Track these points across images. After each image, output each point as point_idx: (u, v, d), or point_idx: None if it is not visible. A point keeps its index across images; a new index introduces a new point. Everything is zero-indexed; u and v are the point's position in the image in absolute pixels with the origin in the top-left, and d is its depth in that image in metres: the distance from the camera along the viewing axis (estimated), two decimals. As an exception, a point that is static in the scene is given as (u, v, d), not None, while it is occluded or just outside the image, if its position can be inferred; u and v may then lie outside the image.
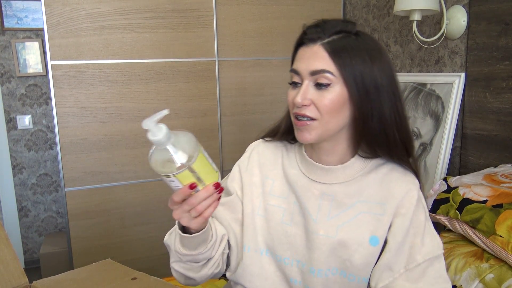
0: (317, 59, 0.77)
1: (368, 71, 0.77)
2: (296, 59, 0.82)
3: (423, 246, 0.80)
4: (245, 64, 2.19)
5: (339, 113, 0.79)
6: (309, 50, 0.79)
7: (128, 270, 1.13)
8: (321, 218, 0.83)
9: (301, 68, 0.79)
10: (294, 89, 0.82)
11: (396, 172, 0.84)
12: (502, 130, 1.49)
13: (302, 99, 0.77)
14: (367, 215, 0.82)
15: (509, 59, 1.45)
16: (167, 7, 1.99)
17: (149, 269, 1.82)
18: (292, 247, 0.85)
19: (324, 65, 0.76)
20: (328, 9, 2.30)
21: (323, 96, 0.77)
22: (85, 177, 1.97)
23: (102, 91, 1.95)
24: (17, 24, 2.76)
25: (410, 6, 1.58)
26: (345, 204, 0.83)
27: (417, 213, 0.81)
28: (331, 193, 0.84)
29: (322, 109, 0.77)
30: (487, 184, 1.24)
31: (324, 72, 0.76)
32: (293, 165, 0.89)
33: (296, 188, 0.87)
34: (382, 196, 0.82)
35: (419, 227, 0.81)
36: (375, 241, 0.81)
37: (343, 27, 0.79)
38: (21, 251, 2.97)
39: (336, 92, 0.77)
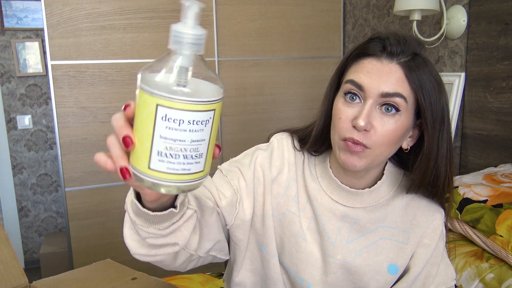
0: (394, 80, 0.66)
1: (438, 102, 0.68)
2: (359, 70, 0.68)
3: (437, 276, 0.77)
4: (245, 64, 2.19)
5: (396, 144, 0.70)
6: (381, 65, 0.67)
7: (128, 270, 1.13)
8: (340, 241, 0.77)
9: (370, 85, 0.66)
10: (349, 105, 0.68)
11: (422, 199, 0.78)
12: (502, 130, 1.49)
13: (366, 123, 0.65)
14: (388, 241, 0.77)
15: (509, 59, 1.44)
16: (167, 7, 1.99)
17: (149, 269, 1.82)
18: (302, 264, 0.77)
19: (400, 89, 0.66)
20: (328, 9, 2.30)
21: (387, 123, 0.66)
22: (85, 177, 1.97)
23: (102, 91, 1.95)
24: (17, 24, 2.76)
25: (410, 6, 1.58)
26: (367, 229, 0.77)
27: (439, 243, 0.78)
28: (354, 216, 0.76)
29: (381, 138, 0.66)
30: (487, 184, 1.24)
31: (398, 96, 0.66)
32: (313, 178, 0.79)
33: (315, 205, 0.77)
34: (407, 223, 0.77)
35: (437, 257, 0.78)
36: (395, 270, 0.76)
37: (417, 48, 0.69)
38: (21, 251, 2.97)
39: (401, 121, 0.67)
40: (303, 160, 0.81)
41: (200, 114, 0.40)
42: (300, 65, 2.25)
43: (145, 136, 0.41)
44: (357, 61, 0.70)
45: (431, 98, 0.67)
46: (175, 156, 0.40)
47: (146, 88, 0.40)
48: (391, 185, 0.78)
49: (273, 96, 2.25)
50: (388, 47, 0.67)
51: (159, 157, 0.40)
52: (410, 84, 0.66)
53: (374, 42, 0.69)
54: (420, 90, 0.66)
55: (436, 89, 0.68)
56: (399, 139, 0.69)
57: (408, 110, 0.67)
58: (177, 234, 0.58)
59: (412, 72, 0.66)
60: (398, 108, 0.66)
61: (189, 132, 0.40)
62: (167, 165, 0.41)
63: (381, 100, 0.66)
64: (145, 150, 0.41)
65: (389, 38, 0.68)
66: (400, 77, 0.66)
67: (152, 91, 0.39)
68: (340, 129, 0.68)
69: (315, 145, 0.78)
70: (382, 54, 0.68)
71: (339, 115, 0.69)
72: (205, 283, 1.45)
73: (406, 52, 0.67)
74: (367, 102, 0.66)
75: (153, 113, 0.39)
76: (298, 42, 2.23)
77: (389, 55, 0.67)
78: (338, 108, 0.70)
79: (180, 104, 0.39)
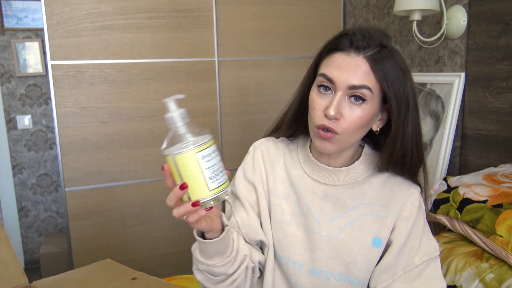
0: (360, 73, 0.73)
1: (403, 89, 0.75)
2: (330, 64, 0.76)
3: (420, 248, 0.81)
4: (245, 64, 2.19)
5: (363, 130, 0.78)
6: (349, 59, 0.74)
7: (128, 270, 1.13)
8: (324, 219, 0.84)
9: (339, 78, 0.74)
10: (322, 96, 0.77)
11: (396, 177, 0.85)
12: (502, 130, 1.49)
13: (335, 112, 0.73)
14: (370, 217, 0.83)
15: (509, 59, 1.45)
16: (166, 7, 1.99)
17: (149, 269, 1.82)
18: (289, 247, 0.85)
19: (366, 81, 0.73)
20: (328, 9, 2.30)
21: (354, 112, 0.75)
22: (85, 177, 1.97)
23: (102, 91, 1.95)
24: (17, 24, 2.76)
25: (410, 6, 1.58)
26: (348, 206, 0.83)
27: (418, 216, 0.83)
28: (334, 194, 0.84)
29: (349, 124, 0.75)
30: (487, 184, 1.24)
31: (364, 88, 0.73)
32: (296, 166, 0.88)
33: (299, 188, 0.86)
34: (385, 198, 0.83)
35: (419, 230, 0.82)
36: (378, 243, 0.81)
37: (383, 40, 0.76)
38: (21, 251, 2.97)
39: (368, 109, 0.75)
40: (284, 153, 0.91)
41: (214, 145, 0.65)
42: (300, 65, 2.25)
43: (197, 174, 0.62)
44: (329, 56, 0.77)
45: (395, 86, 0.75)
46: (217, 174, 0.64)
47: (181, 151, 0.62)
48: (368, 165, 0.86)
49: (273, 96, 2.25)
50: (355, 42, 0.74)
51: (211, 180, 0.63)
52: (376, 76, 0.74)
53: (343, 38, 0.76)
54: (385, 80, 0.74)
55: (400, 77, 0.75)
56: (366, 125, 0.77)
57: (374, 99, 0.75)
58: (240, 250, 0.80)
59: (377, 65, 0.73)
60: (364, 98, 0.74)
61: (216, 157, 0.64)
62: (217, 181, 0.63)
63: (349, 91, 0.74)
64: (201, 181, 0.62)
65: (355, 34, 0.75)
66: (366, 70, 0.74)
67: (188, 149, 0.61)
68: (314, 118, 0.77)
69: (290, 128, 0.89)
70: (350, 49, 0.75)
71: (313, 105, 0.78)
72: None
73: (371, 45, 0.74)
74: (337, 93, 0.74)
75: (195, 158, 0.62)
76: (298, 42, 2.23)
77: (356, 49, 0.74)
78: (312, 98, 0.79)
79: (205, 145, 0.62)
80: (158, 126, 2.05)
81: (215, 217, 0.74)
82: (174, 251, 2.15)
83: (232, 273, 0.79)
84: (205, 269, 0.78)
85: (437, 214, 1.29)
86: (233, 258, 0.78)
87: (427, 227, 0.85)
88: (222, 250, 0.76)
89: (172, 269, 2.11)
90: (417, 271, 0.80)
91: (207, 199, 0.63)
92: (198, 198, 0.63)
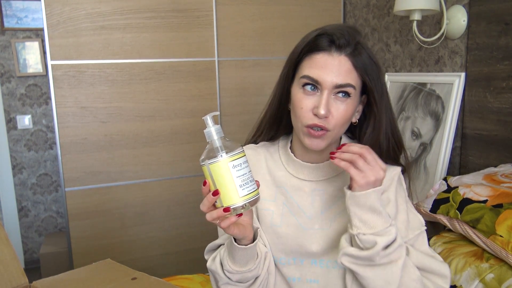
0: (344, 71, 0.76)
1: (379, 79, 0.80)
2: (313, 66, 0.78)
3: (409, 222, 0.84)
4: (245, 64, 2.19)
5: (347, 123, 0.82)
6: (332, 59, 0.77)
7: (128, 270, 1.13)
8: (315, 213, 0.87)
9: (325, 79, 0.76)
10: (309, 96, 0.78)
11: None
12: (502, 130, 1.49)
13: (326, 111, 0.76)
14: None
15: (509, 59, 1.45)
16: (167, 7, 1.99)
17: (149, 269, 1.82)
18: (285, 248, 0.87)
19: (349, 79, 0.77)
20: (328, 9, 2.30)
21: (340, 107, 0.78)
22: (85, 177, 1.97)
23: (102, 91, 1.95)
24: (17, 24, 2.76)
25: (410, 6, 1.58)
26: (336, 196, 0.87)
27: (399, 190, 0.86)
28: (321, 188, 0.88)
29: (338, 120, 0.78)
30: (487, 184, 1.24)
31: (349, 86, 0.77)
32: (279, 167, 0.91)
33: (286, 189, 0.89)
34: None
35: (402, 204, 0.85)
36: None
37: (357, 36, 0.79)
38: (21, 251, 2.97)
39: (351, 103, 0.79)
40: (265, 157, 0.93)
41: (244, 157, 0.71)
42: (300, 65, 2.25)
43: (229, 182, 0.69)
44: (310, 56, 0.79)
45: (375, 79, 0.79)
46: (247, 182, 0.70)
47: (215, 160, 0.69)
48: None
49: (273, 96, 2.25)
50: (336, 41, 0.76)
51: (241, 188, 0.69)
52: (358, 72, 0.78)
53: (322, 38, 0.77)
54: (366, 75, 0.78)
55: (375, 69, 0.79)
56: (350, 118, 0.81)
57: (356, 93, 0.79)
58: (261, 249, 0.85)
59: (358, 61, 0.77)
60: (349, 94, 0.78)
61: (246, 167, 0.71)
62: (247, 189, 0.70)
63: (335, 90, 0.77)
64: (232, 189, 0.69)
65: (335, 33, 0.77)
66: (349, 68, 0.77)
67: (221, 158, 0.69)
68: (303, 118, 0.79)
69: (271, 130, 0.92)
70: (332, 48, 0.77)
71: (300, 105, 0.79)
72: (205, 284, 1.45)
73: (350, 43, 0.77)
74: (324, 92, 0.77)
75: (227, 167, 0.69)
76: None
77: (337, 48, 0.77)
78: (298, 99, 0.80)
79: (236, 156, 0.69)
80: (158, 126, 2.05)
81: (247, 225, 0.78)
82: (174, 251, 2.15)
83: (261, 273, 0.84)
84: (239, 278, 0.81)
85: (437, 214, 1.29)
86: (261, 259, 0.83)
87: (410, 204, 0.88)
88: (254, 256, 0.81)
89: (172, 269, 2.11)
90: (410, 244, 0.82)
91: (237, 205, 0.69)
92: (229, 204, 0.69)
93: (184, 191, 2.13)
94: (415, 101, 1.82)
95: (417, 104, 1.80)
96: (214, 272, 0.84)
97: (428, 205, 1.34)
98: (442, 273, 0.80)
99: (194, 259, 2.14)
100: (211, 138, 0.71)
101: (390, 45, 2.06)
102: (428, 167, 1.69)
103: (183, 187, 2.12)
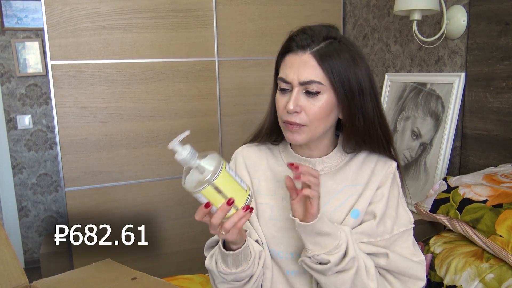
0: (307, 68, 0.80)
1: (354, 76, 0.81)
2: (284, 67, 0.84)
3: (397, 218, 0.87)
4: (245, 64, 2.19)
5: (327, 118, 0.84)
6: (298, 58, 0.81)
7: (128, 270, 1.13)
8: None
9: (291, 77, 0.81)
10: (283, 94, 0.84)
11: (374, 155, 0.91)
12: (502, 130, 1.49)
13: (294, 106, 0.80)
14: (355, 196, 0.88)
15: (509, 59, 1.45)
16: (167, 7, 1.99)
17: (149, 269, 1.82)
18: (285, 241, 0.89)
19: (314, 75, 0.79)
20: (328, 9, 2.30)
21: (313, 104, 0.81)
22: (85, 177, 1.97)
23: (102, 91, 1.95)
24: (17, 24, 2.76)
25: (410, 6, 1.58)
26: (334, 190, 0.89)
27: (392, 186, 0.88)
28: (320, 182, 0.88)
29: (312, 116, 0.81)
30: (487, 184, 1.24)
31: (313, 82, 0.80)
32: (280, 163, 0.94)
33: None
34: (366, 176, 0.89)
35: (394, 199, 0.88)
36: (356, 214, 0.87)
37: (329, 33, 0.82)
38: (21, 251, 2.97)
39: (324, 99, 0.81)
40: (267, 155, 0.97)
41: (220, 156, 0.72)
42: (300, 65, 2.25)
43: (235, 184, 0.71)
44: (283, 59, 0.85)
45: (344, 75, 0.80)
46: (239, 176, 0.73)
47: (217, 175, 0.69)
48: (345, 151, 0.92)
49: (273, 96, 2.25)
50: (298, 41, 0.81)
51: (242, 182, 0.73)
52: (323, 69, 0.79)
53: (290, 40, 0.83)
54: (331, 72, 0.79)
55: (351, 65, 0.80)
56: (329, 113, 0.83)
57: (328, 89, 0.81)
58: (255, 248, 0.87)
59: (323, 58, 0.79)
60: (317, 91, 0.80)
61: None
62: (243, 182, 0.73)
63: (302, 87, 0.81)
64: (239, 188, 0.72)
65: (298, 34, 0.82)
66: (313, 65, 0.79)
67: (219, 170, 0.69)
68: (280, 115, 0.85)
69: (272, 135, 0.95)
70: (297, 49, 0.81)
71: (277, 103, 0.86)
72: (205, 284, 1.45)
73: (316, 40, 0.80)
74: (294, 90, 0.81)
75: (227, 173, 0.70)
76: (298, 42, 2.23)
77: (301, 48, 0.81)
78: (276, 99, 0.87)
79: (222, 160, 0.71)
80: (158, 126, 2.05)
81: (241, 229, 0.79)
82: (174, 251, 2.15)
83: (256, 271, 0.86)
84: (233, 278, 0.84)
85: (437, 214, 1.29)
86: (255, 258, 0.85)
87: (402, 200, 0.90)
88: (247, 255, 0.83)
89: (172, 269, 2.11)
90: (394, 239, 0.85)
91: (249, 198, 0.73)
92: (244, 202, 0.72)
93: (184, 191, 2.12)
94: (415, 101, 1.82)
95: (417, 104, 1.80)
96: (211, 271, 0.87)
97: (428, 205, 1.34)
98: (417, 276, 0.84)
99: (194, 259, 2.14)
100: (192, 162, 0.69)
101: (390, 45, 2.06)
102: (428, 167, 1.69)
103: (183, 187, 2.12)
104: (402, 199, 0.90)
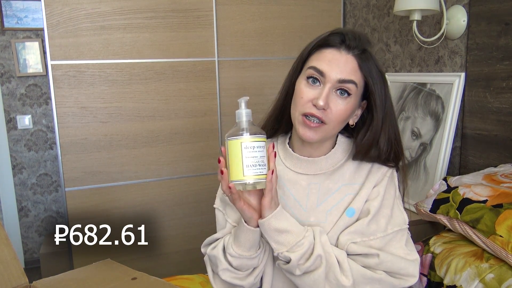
0: (349, 69, 0.80)
1: (383, 89, 0.83)
2: (322, 58, 0.82)
3: (392, 218, 0.87)
4: (245, 64, 2.19)
5: (345, 121, 0.85)
6: (341, 56, 0.81)
7: (128, 270, 1.13)
8: (311, 206, 0.89)
9: (330, 72, 0.80)
10: (311, 86, 0.82)
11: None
12: (502, 130, 1.49)
13: (325, 103, 0.80)
14: (352, 196, 0.89)
15: (509, 59, 1.45)
16: (167, 7, 1.99)
17: (149, 269, 1.82)
18: None
19: (354, 76, 0.81)
20: (328, 9, 2.30)
21: (340, 104, 0.81)
22: (85, 177, 1.97)
23: (102, 91, 1.95)
24: (17, 24, 2.76)
25: (410, 6, 1.58)
26: (331, 189, 0.89)
27: (389, 186, 0.89)
28: (317, 181, 0.90)
29: (335, 115, 0.81)
30: (487, 184, 1.24)
31: (351, 83, 0.80)
32: (277, 162, 0.93)
33: (283, 182, 0.92)
34: (363, 176, 0.90)
35: (390, 199, 0.88)
36: (351, 213, 0.87)
37: (367, 45, 0.84)
38: (21, 251, 2.97)
39: (351, 102, 0.82)
40: None
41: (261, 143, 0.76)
42: (300, 65, 2.25)
43: (237, 159, 0.75)
44: (319, 51, 0.84)
45: (378, 83, 0.83)
46: (255, 165, 0.76)
47: (232, 138, 0.76)
48: (344, 151, 0.92)
49: (273, 96, 2.23)
50: (347, 40, 0.81)
51: (247, 168, 0.75)
52: (362, 73, 0.82)
53: (335, 36, 0.83)
54: (370, 77, 0.82)
55: (381, 79, 0.83)
56: (348, 117, 0.85)
57: (357, 94, 0.83)
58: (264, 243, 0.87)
59: (364, 63, 0.81)
60: (349, 92, 0.81)
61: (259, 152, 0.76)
62: (252, 171, 0.75)
63: (337, 85, 0.81)
64: (239, 166, 0.75)
65: (348, 34, 0.82)
66: (354, 67, 0.81)
67: (237, 137, 0.76)
68: (301, 106, 0.83)
69: (273, 126, 0.95)
70: (341, 46, 0.82)
71: (301, 95, 0.83)
72: (205, 284, 1.45)
73: (359, 46, 0.82)
74: (326, 86, 0.80)
75: (239, 147, 0.75)
76: (298, 42, 2.23)
77: (347, 47, 0.81)
78: (300, 89, 0.84)
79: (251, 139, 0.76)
80: (158, 126, 2.05)
81: (255, 210, 0.81)
82: (174, 251, 2.15)
83: (260, 264, 0.87)
84: (239, 263, 0.84)
85: (437, 214, 1.29)
86: (262, 251, 0.86)
87: (399, 200, 0.90)
88: (257, 243, 0.83)
89: (172, 269, 2.11)
90: (388, 238, 0.85)
91: (238, 182, 0.76)
92: (232, 179, 0.76)
93: (184, 191, 2.13)
94: (415, 101, 1.82)
95: (417, 104, 1.80)
96: (215, 257, 0.86)
97: (428, 205, 1.34)
98: (408, 274, 0.84)
99: (194, 259, 2.14)
100: (239, 119, 0.78)
101: (390, 45, 2.06)
102: (428, 167, 1.69)
103: (183, 187, 2.12)
104: (398, 199, 0.90)
